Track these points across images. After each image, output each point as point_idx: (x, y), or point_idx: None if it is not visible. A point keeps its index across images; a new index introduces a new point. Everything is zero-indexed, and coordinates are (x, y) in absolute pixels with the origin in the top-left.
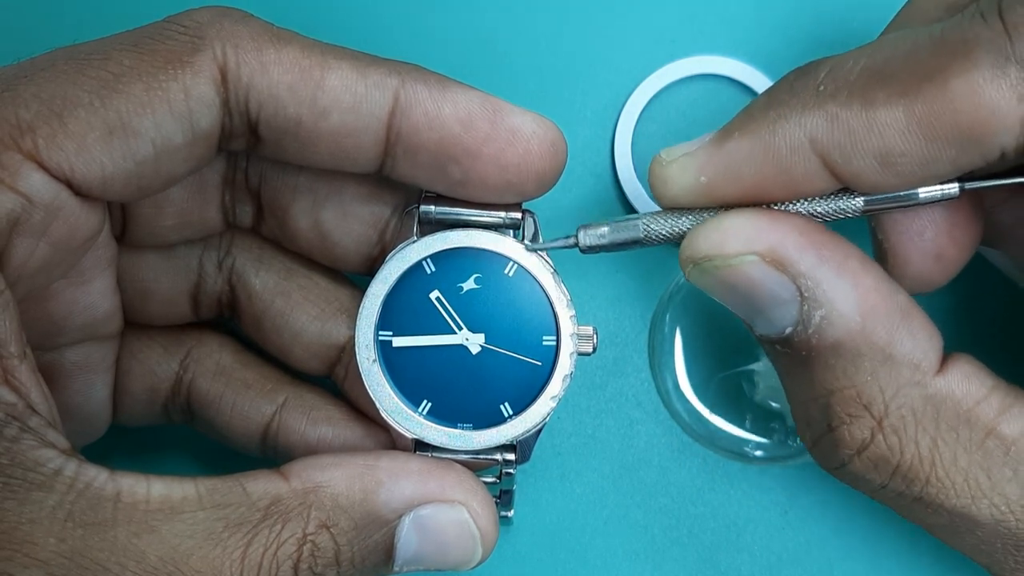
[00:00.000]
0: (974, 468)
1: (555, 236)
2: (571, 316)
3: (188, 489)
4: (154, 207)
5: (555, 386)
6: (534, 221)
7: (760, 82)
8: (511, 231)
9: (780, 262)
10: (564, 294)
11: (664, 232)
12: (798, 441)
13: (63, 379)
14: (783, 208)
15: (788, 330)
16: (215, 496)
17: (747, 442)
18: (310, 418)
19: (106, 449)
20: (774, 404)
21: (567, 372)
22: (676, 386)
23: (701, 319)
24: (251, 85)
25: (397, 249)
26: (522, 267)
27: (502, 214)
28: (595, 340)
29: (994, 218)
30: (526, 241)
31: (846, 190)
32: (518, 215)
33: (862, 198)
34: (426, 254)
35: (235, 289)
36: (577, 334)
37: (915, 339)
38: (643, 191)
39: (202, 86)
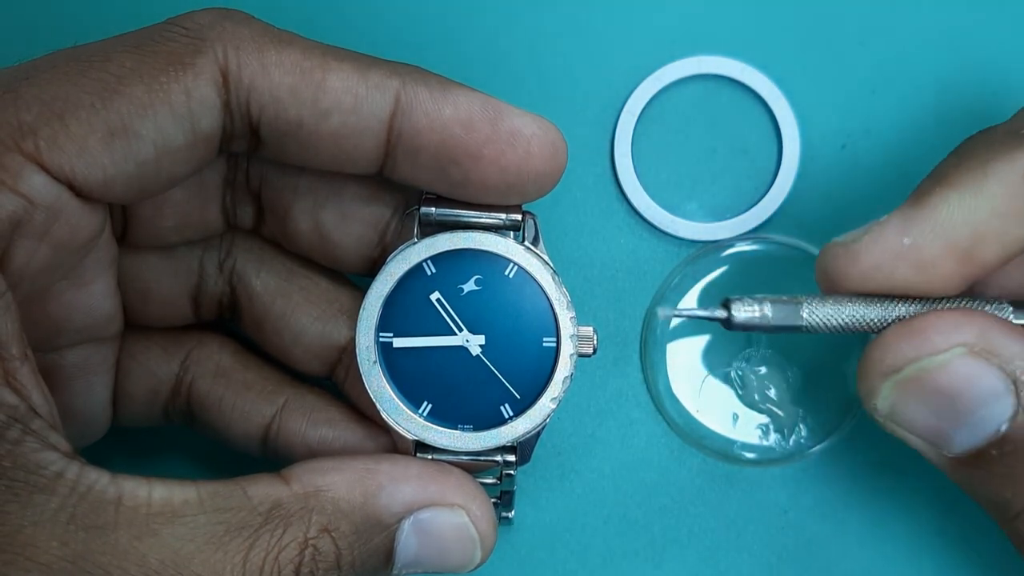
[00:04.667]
0: None
1: (697, 307)
2: (571, 317)
3: (189, 492)
4: (154, 208)
5: (555, 387)
6: (535, 223)
7: (760, 82)
8: (511, 232)
9: (991, 351)
10: (564, 295)
11: (833, 323)
12: (785, 444)
13: (63, 381)
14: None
15: (1003, 427)
16: (216, 500)
17: (735, 443)
18: (310, 419)
19: (106, 451)
20: (762, 407)
21: (567, 373)
22: (668, 387)
23: (693, 320)
24: (252, 87)
25: (398, 250)
26: (522, 269)
27: (503, 215)
28: (595, 341)
29: None
30: (666, 307)
31: None
32: (518, 216)
33: None
34: (427, 255)
35: (236, 290)
36: (577, 335)
37: None
38: (643, 191)
39: (203, 88)
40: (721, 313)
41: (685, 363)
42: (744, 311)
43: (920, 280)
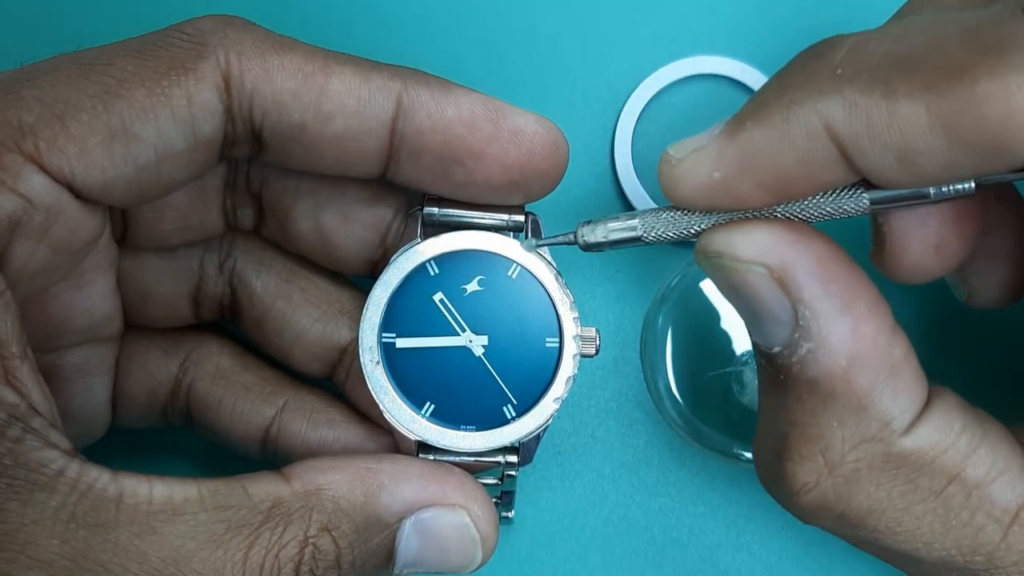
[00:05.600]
0: (929, 516)
1: (555, 233)
2: (574, 318)
3: (190, 490)
4: (155, 210)
5: (558, 388)
6: (537, 223)
7: (760, 82)
8: (513, 233)
9: (785, 282)
10: (567, 296)
11: (665, 233)
12: None
13: (63, 381)
14: (785, 210)
15: (776, 349)
16: (217, 498)
17: (735, 443)
18: (311, 421)
19: (105, 450)
20: None
21: (570, 374)
22: (667, 387)
23: (693, 321)
24: (255, 91)
25: (401, 251)
26: (525, 269)
27: (505, 216)
28: (598, 342)
29: None
30: (528, 238)
31: (862, 183)
32: (521, 217)
33: (867, 196)
34: (429, 256)
35: (236, 291)
36: (580, 336)
37: (896, 397)
38: (643, 191)
39: (205, 93)
40: (571, 237)
41: (685, 363)
42: (588, 230)
43: (736, 208)
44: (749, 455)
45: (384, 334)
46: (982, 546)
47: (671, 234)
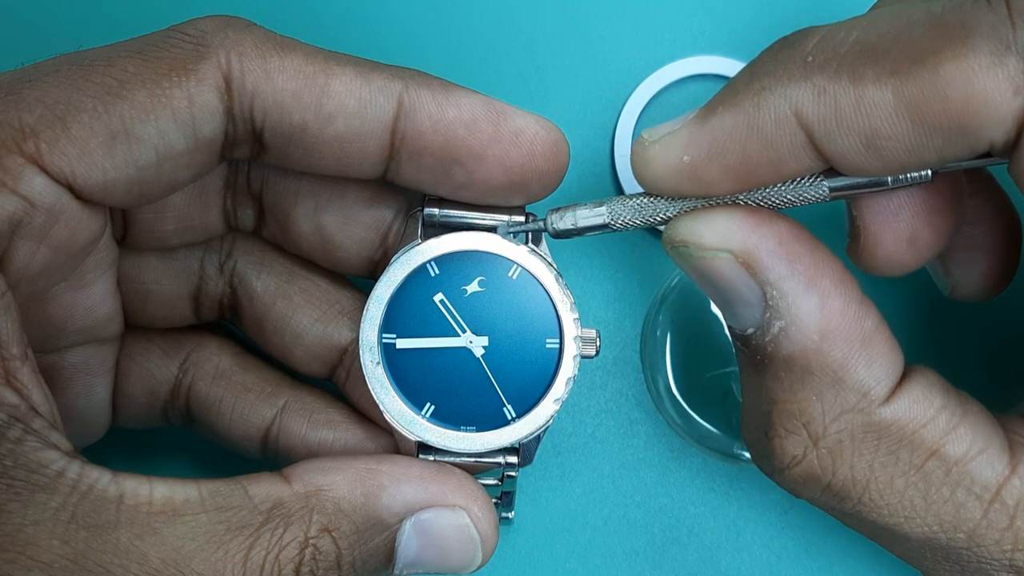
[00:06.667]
0: (910, 490)
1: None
2: (575, 319)
3: (190, 491)
4: (155, 211)
5: (558, 389)
6: None
7: None
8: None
9: (751, 265)
10: (567, 297)
11: (632, 219)
12: None
13: (63, 381)
14: (748, 197)
15: (750, 330)
16: (217, 498)
17: (735, 443)
18: (311, 421)
19: (105, 451)
20: None
21: (570, 375)
22: (667, 387)
23: (693, 321)
24: (256, 92)
25: (401, 252)
26: (525, 270)
27: (506, 217)
28: (598, 343)
29: None
30: (502, 224)
31: (829, 171)
32: (521, 218)
33: (827, 184)
34: (430, 257)
35: (236, 291)
36: (580, 337)
37: (870, 367)
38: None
39: (206, 94)
40: (541, 224)
41: (685, 363)
42: (557, 217)
43: (703, 194)
44: (749, 455)
45: (385, 334)
46: (963, 522)
47: (638, 221)
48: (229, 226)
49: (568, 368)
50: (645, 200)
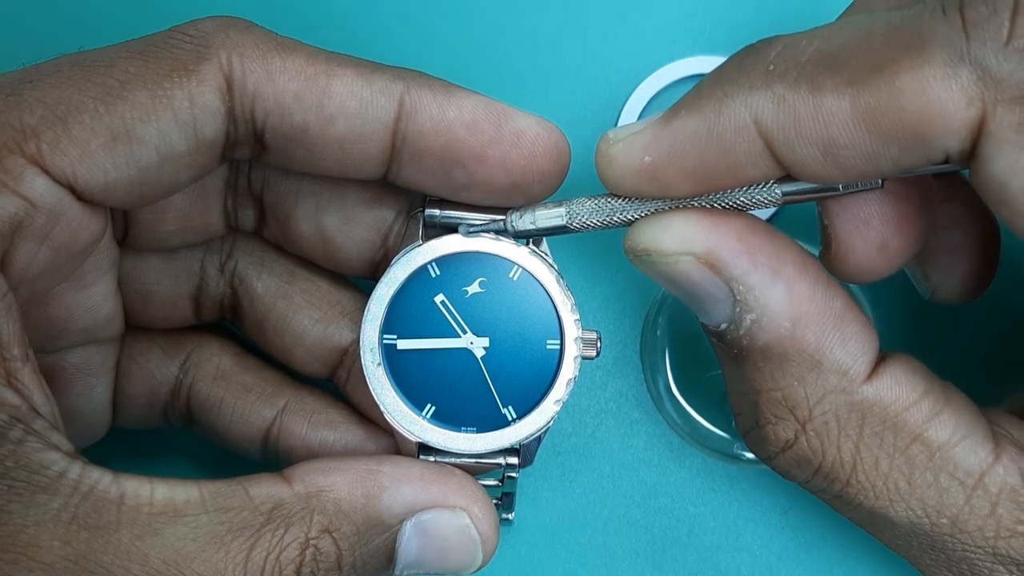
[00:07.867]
0: (895, 473)
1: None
2: (575, 320)
3: (191, 492)
4: (156, 211)
5: (559, 390)
6: None
7: None
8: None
9: (714, 264)
10: (568, 298)
11: (590, 220)
12: None
13: (64, 382)
14: (703, 200)
15: (723, 326)
16: (218, 499)
17: (735, 443)
18: (311, 422)
19: (106, 451)
20: None
21: (571, 376)
22: (667, 387)
23: (693, 320)
24: (257, 93)
25: (402, 253)
26: (526, 271)
27: (502, 218)
28: (599, 344)
29: None
30: (463, 226)
31: (787, 178)
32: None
33: (779, 188)
34: (431, 258)
35: (237, 292)
36: (581, 338)
37: (846, 346)
38: None
39: (207, 94)
40: (500, 224)
41: (685, 363)
42: (516, 216)
43: (661, 195)
44: (749, 455)
45: (385, 335)
46: (946, 507)
47: (595, 221)
48: (230, 227)
49: (569, 369)
50: (604, 200)
